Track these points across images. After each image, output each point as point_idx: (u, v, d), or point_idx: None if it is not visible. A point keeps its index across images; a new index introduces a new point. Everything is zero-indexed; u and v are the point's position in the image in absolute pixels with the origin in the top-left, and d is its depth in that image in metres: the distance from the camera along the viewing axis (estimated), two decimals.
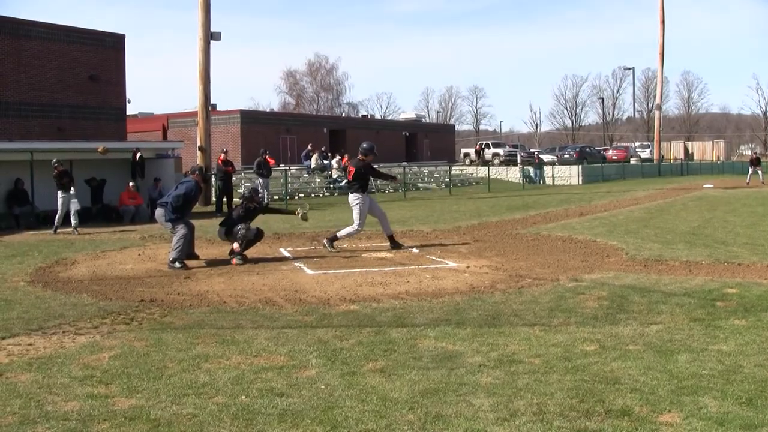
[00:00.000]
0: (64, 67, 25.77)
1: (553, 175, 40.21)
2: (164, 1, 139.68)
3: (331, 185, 31.26)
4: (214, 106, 37.56)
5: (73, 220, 15.44)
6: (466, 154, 50.67)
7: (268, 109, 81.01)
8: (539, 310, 6.79)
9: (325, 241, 11.53)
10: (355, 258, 10.70)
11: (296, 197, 27.66)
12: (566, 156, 46.78)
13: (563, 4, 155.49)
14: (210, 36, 23.42)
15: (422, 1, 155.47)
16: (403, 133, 55.23)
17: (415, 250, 11.39)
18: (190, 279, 8.99)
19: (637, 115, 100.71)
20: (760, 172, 35.46)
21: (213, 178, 22.61)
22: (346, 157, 30.79)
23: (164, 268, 9.80)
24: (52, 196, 15.86)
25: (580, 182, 39.47)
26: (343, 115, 73.71)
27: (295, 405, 4.27)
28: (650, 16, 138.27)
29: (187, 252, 10.13)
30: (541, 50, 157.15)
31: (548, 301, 7.23)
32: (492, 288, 7.98)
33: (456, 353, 5.34)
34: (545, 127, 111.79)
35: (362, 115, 73.56)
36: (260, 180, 23.50)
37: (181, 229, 9.96)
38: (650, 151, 56.20)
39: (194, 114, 26.05)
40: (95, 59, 26.87)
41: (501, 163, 45.22)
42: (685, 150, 65.84)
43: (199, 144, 23.67)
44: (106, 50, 27.48)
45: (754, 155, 39.36)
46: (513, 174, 41.32)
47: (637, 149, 58.26)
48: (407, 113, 71.34)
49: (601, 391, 4.43)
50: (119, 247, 12.50)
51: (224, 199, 21.65)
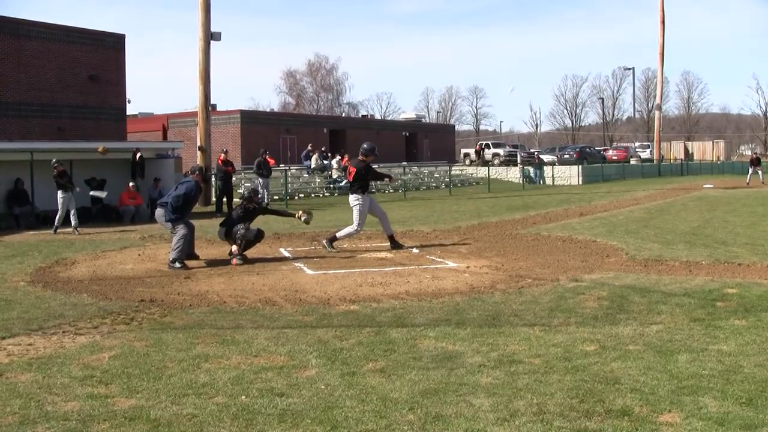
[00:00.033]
0: (64, 67, 25.77)
1: (553, 175, 40.21)
2: (164, 1, 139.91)
3: (331, 185, 31.25)
4: (214, 106, 37.54)
5: (73, 220, 15.45)
6: (466, 155, 50.64)
7: (268, 109, 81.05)
8: (539, 311, 6.79)
9: (324, 242, 11.52)
10: (355, 258, 10.70)
11: (296, 197, 27.66)
12: (566, 156, 46.78)
13: (563, 4, 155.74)
14: (210, 36, 23.43)
15: (422, 1, 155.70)
16: (403, 134, 55.22)
17: (415, 251, 11.39)
18: (190, 279, 8.99)
19: (637, 115, 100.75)
20: (760, 172, 35.48)
21: (213, 178, 22.61)
22: (346, 158, 30.80)
23: (164, 268, 9.81)
24: (52, 196, 15.86)
25: (580, 182, 39.48)
26: (343, 116, 73.66)
27: (295, 405, 4.27)
28: (650, 16, 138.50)
29: (187, 252, 10.14)
30: (541, 50, 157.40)
31: (548, 301, 7.23)
32: (492, 288, 7.98)
33: (456, 353, 5.35)
34: (545, 127, 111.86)
35: (362, 115, 73.52)
36: (260, 180, 23.48)
37: (181, 230, 9.96)
38: (650, 152, 56.20)
39: (194, 114, 26.05)
40: (95, 59, 26.88)
41: (501, 164, 45.19)
42: (685, 150, 65.83)
43: (199, 144, 23.67)
44: (106, 50, 27.48)
45: (754, 155, 39.36)
46: (513, 174, 41.33)
47: (637, 149, 58.21)
48: (407, 113, 71.28)
49: (601, 391, 4.43)
50: (119, 247, 12.50)
51: (224, 200, 21.65)
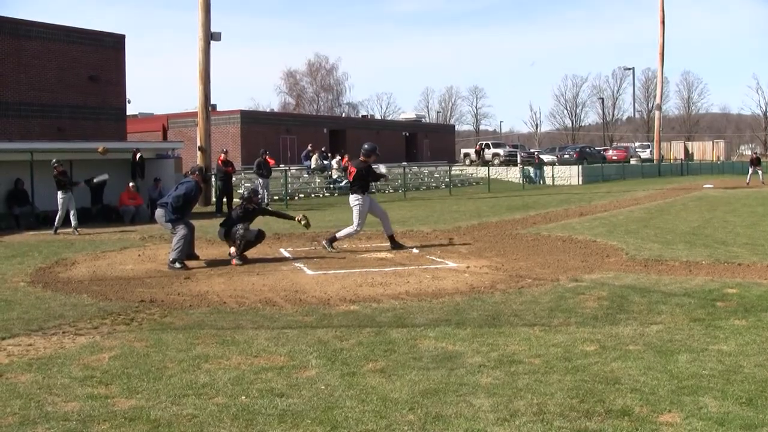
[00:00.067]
0: (64, 67, 25.76)
1: (553, 175, 40.22)
2: (164, 1, 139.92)
3: (331, 185, 31.25)
4: (214, 107, 37.51)
5: (73, 220, 15.45)
6: (466, 155, 50.64)
7: (268, 110, 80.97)
8: (539, 311, 6.79)
9: (324, 242, 11.53)
10: (355, 258, 10.70)
11: (296, 198, 27.66)
12: (566, 156, 46.79)
13: (563, 4, 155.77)
14: (210, 36, 23.43)
15: (422, 1, 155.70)
16: (403, 134, 55.22)
17: (415, 251, 11.39)
18: (190, 279, 8.99)
19: (637, 115, 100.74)
20: (760, 172, 35.49)
21: (213, 179, 22.61)
22: (346, 158, 30.81)
23: (164, 269, 9.80)
24: (52, 196, 15.87)
25: (580, 182, 39.48)
26: (343, 116, 73.65)
27: (295, 405, 4.27)
28: (650, 16, 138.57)
29: (187, 252, 10.14)
30: (541, 50, 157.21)
31: (548, 301, 7.23)
32: (492, 288, 7.98)
33: (456, 353, 5.34)
34: (545, 127, 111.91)
35: (362, 116, 73.52)
36: (260, 180, 23.47)
37: (181, 230, 9.96)
38: (650, 152, 56.20)
39: (194, 114, 26.04)
40: (95, 59, 26.87)
41: (501, 164, 45.19)
42: (685, 150, 65.83)
43: (199, 144, 23.68)
44: (106, 50, 27.47)
45: (754, 155, 39.36)
46: (513, 174, 41.33)
47: (637, 149, 58.21)
48: (407, 113, 71.23)
49: (601, 391, 4.43)
50: (119, 248, 12.50)
51: (224, 200, 21.65)
